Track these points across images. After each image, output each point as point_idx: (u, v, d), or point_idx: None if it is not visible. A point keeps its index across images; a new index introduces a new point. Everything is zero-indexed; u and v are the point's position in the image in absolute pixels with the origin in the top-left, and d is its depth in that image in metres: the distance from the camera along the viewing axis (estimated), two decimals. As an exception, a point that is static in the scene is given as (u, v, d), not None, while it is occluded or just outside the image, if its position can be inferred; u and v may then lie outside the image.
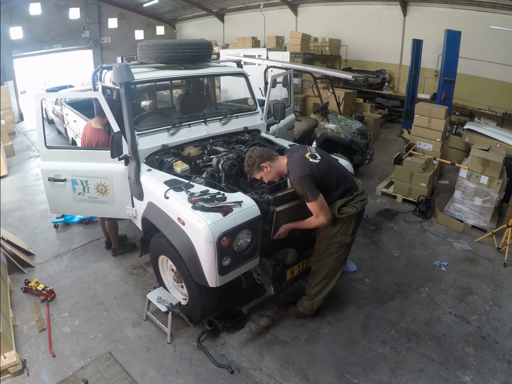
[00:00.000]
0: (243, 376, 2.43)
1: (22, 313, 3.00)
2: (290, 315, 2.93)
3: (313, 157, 2.37)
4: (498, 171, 4.12)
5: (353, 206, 2.43)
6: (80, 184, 3.09)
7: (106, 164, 2.99)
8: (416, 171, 4.84)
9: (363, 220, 4.47)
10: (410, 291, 3.28)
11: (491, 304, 3.12)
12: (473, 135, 5.57)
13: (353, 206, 2.43)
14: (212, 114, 3.54)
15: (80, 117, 4.53)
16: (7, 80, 11.46)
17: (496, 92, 8.32)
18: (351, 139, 5.41)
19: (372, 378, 2.43)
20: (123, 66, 2.98)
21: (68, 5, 14.95)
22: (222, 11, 15.67)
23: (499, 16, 7.94)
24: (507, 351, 2.63)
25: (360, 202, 2.45)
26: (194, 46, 3.44)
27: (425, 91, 9.30)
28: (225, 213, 2.26)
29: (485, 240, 4.06)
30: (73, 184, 3.10)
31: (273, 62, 6.83)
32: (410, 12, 9.74)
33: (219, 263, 2.25)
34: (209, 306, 2.66)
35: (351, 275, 3.47)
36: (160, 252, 2.85)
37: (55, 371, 2.46)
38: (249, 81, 3.92)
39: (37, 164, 6.93)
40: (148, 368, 2.49)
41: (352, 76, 6.08)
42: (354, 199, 2.44)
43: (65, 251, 3.90)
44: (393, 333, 2.79)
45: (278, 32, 12.00)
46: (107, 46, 16.88)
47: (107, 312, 3.01)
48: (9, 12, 12.61)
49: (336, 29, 11.33)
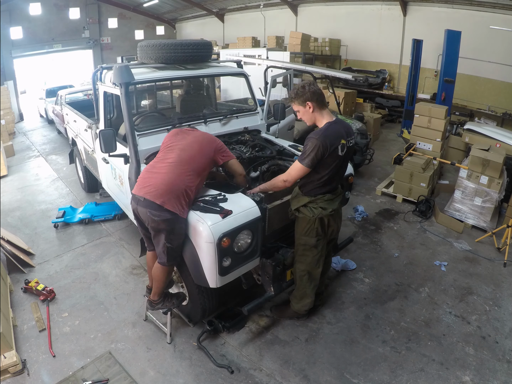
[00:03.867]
0: (243, 376, 2.43)
1: (22, 313, 3.00)
2: (284, 316, 2.90)
3: (342, 148, 2.28)
4: (498, 171, 4.12)
5: (311, 210, 2.37)
6: (112, 170, 3.44)
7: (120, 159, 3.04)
8: (416, 171, 4.84)
9: (363, 220, 4.49)
10: (410, 291, 3.28)
11: (491, 304, 3.12)
12: (473, 135, 5.58)
13: (311, 209, 2.37)
14: (212, 114, 3.53)
15: (80, 117, 4.52)
16: (7, 80, 11.46)
17: (496, 92, 8.33)
18: (351, 139, 5.41)
19: (372, 378, 2.43)
20: (123, 66, 2.97)
21: (68, 5, 14.97)
22: (222, 11, 15.68)
23: (499, 16, 7.95)
24: (507, 351, 2.63)
25: (320, 209, 2.36)
26: (194, 46, 3.43)
27: (425, 91, 9.31)
28: (224, 215, 2.26)
29: (485, 240, 4.06)
30: (111, 168, 3.45)
31: (273, 62, 6.84)
32: (410, 12, 9.74)
33: (219, 264, 2.25)
34: (209, 307, 2.67)
35: (351, 275, 3.47)
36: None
37: (55, 371, 2.46)
38: (249, 81, 3.91)
39: (37, 164, 6.95)
40: (148, 368, 2.49)
41: (352, 76, 6.08)
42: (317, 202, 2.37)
43: (65, 251, 3.90)
44: (393, 333, 2.79)
45: (278, 32, 12.02)
46: (107, 46, 16.89)
47: (107, 312, 3.01)
48: (9, 12, 12.62)
49: (336, 29, 11.33)
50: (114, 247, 3.94)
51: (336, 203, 2.45)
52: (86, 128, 4.18)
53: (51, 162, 7.01)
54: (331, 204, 2.41)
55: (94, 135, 3.82)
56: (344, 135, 2.30)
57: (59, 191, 5.54)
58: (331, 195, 2.41)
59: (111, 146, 2.77)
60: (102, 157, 3.61)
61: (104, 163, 3.59)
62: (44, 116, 10.76)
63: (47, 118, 10.34)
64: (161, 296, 2.58)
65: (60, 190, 5.58)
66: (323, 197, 2.37)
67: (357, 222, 4.47)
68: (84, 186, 5.38)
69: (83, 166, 4.99)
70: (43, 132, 9.57)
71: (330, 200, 2.40)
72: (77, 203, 5.05)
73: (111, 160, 3.33)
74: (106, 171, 3.68)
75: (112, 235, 4.20)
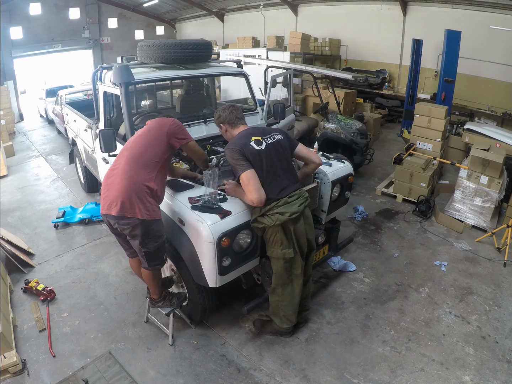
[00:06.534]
0: (243, 376, 2.43)
1: (22, 313, 3.00)
2: (266, 332, 2.75)
3: (258, 143, 2.29)
4: (498, 171, 4.12)
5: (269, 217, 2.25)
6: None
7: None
8: (416, 171, 4.84)
9: (363, 220, 4.49)
10: (410, 291, 3.28)
11: (491, 304, 3.12)
12: (473, 135, 5.57)
13: (268, 217, 2.25)
14: (212, 114, 3.52)
15: (80, 117, 4.53)
16: (7, 80, 11.45)
17: (496, 92, 8.32)
18: (351, 139, 5.41)
19: (372, 378, 2.43)
20: (123, 66, 2.98)
21: (68, 5, 14.96)
22: (222, 11, 15.67)
23: (499, 16, 7.94)
24: (507, 351, 2.63)
25: (277, 214, 2.23)
26: (194, 46, 3.44)
27: (425, 91, 9.30)
28: (223, 215, 2.26)
29: (485, 240, 4.05)
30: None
31: (273, 62, 6.83)
32: (410, 12, 9.74)
33: (219, 264, 2.25)
34: (209, 306, 2.67)
35: (351, 275, 3.47)
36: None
37: (55, 371, 2.46)
38: (249, 81, 3.92)
39: (37, 164, 6.95)
40: (148, 368, 2.49)
41: (352, 76, 6.07)
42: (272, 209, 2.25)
43: (65, 251, 3.90)
44: (393, 333, 2.79)
45: (278, 32, 12.00)
46: (107, 46, 16.88)
47: (107, 312, 3.01)
48: (9, 12, 12.61)
49: (336, 29, 11.33)
50: (114, 247, 3.94)
51: (295, 206, 2.27)
52: (86, 128, 4.18)
53: (51, 162, 7.01)
54: (290, 208, 2.25)
55: (94, 135, 3.82)
56: (256, 134, 2.36)
57: (59, 191, 5.54)
58: (287, 198, 2.29)
59: (111, 146, 2.77)
60: (102, 157, 3.61)
61: (104, 163, 3.58)
62: (44, 116, 10.77)
63: (47, 118, 10.34)
64: (161, 295, 2.59)
65: (60, 190, 5.58)
66: (277, 203, 2.26)
67: (357, 222, 4.47)
68: (84, 186, 5.38)
69: (83, 166, 4.99)
70: (43, 132, 9.57)
71: (286, 204, 2.26)
72: (77, 203, 5.05)
73: (111, 160, 3.33)
74: (106, 171, 3.66)
75: (112, 235, 4.17)
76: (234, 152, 2.24)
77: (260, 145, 2.30)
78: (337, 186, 3.06)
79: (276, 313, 2.59)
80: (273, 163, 2.32)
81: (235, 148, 2.25)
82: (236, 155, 2.23)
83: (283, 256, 2.33)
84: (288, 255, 2.33)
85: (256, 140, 2.31)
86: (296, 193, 2.36)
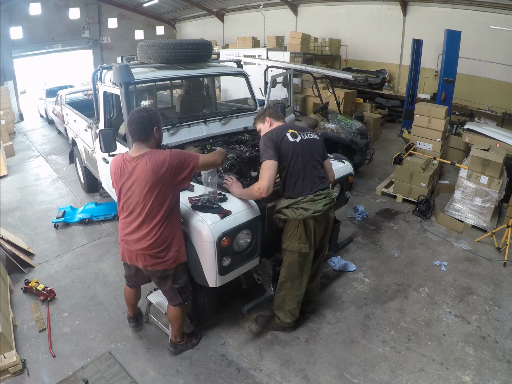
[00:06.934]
0: (243, 376, 2.43)
1: (22, 313, 3.00)
2: (268, 328, 2.78)
3: (293, 136, 2.39)
4: (498, 171, 4.12)
5: (293, 210, 2.31)
6: None
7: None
8: (416, 171, 4.84)
9: (363, 220, 4.49)
10: (410, 291, 3.28)
11: (491, 304, 3.12)
12: (473, 135, 5.57)
13: (293, 210, 2.31)
14: (212, 114, 3.54)
15: (80, 117, 4.53)
16: (7, 80, 11.45)
17: (496, 92, 8.32)
18: (351, 139, 5.41)
19: (372, 378, 2.43)
20: (123, 66, 2.98)
21: (68, 5, 14.96)
22: (222, 11, 15.67)
23: (499, 16, 7.94)
24: (507, 351, 2.63)
25: (301, 209, 2.29)
26: (194, 46, 3.44)
27: (425, 91, 9.30)
28: (223, 215, 2.26)
29: (485, 240, 4.05)
30: None
31: (273, 62, 6.83)
32: (410, 12, 9.73)
33: (219, 263, 2.25)
34: (209, 306, 2.66)
35: (351, 275, 3.47)
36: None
37: (55, 371, 2.46)
38: (249, 81, 3.92)
39: (37, 164, 6.94)
40: (148, 368, 2.49)
41: (352, 76, 6.06)
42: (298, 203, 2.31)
43: (65, 251, 3.90)
44: (393, 333, 2.79)
45: (278, 32, 12.00)
46: (107, 46, 16.88)
47: (107, 312, 3.01)
48: (9, 12, 12.61)
49: (336, 29, 11.32)
50: (114, 247, 3.94)
51: (320, 205, 2.33)
52: (86, 128, 4.18)
53: (51, 162, 7.01)
54: (314, 206, 2.31)
55: (94, 135, 3.82)
56: (293, 128, 2.47)
57: (59, 191, 5.54)
58: (313, 196, 2.34)
59: (111, 145, 2.77)
60: (102, 157, 3.61)
61: (104, 163, 3.58)
62: (44, 116, 10.76)
63: (47, 118, 10.34)
64: (184, 337, 2.56)
65: (60, 190, 5.58)
66: (303, 198, 2.32)
67: (357, 222, 4.47)
68: (84, 186, 5.38)
69: (83, 166, 4.99)
70: (43, 132, 9.57)
71: (312, 201, 2.32)
72: (77, 203, 5.05)
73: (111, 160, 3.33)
74: (106, 171, 3.68)
75: (112, 235, 4.20)
76: (267, 140, 2.34)
77: (295, 138, 2.39)
78: (337, 186, 3.06)
79: (281, 307, 2.62)
80: (304, 157, 2.38)
81: (270, 136, 2.35)
82: (268, 143, 2.32)
83: (299, 250, 2.39)
84: (304, 249, 2.39)
85: (292, 132, 2.41)
86: (324, 192, 2.41)
